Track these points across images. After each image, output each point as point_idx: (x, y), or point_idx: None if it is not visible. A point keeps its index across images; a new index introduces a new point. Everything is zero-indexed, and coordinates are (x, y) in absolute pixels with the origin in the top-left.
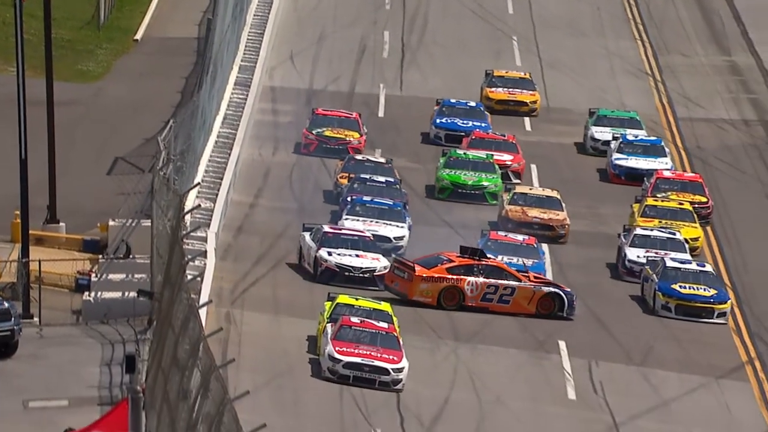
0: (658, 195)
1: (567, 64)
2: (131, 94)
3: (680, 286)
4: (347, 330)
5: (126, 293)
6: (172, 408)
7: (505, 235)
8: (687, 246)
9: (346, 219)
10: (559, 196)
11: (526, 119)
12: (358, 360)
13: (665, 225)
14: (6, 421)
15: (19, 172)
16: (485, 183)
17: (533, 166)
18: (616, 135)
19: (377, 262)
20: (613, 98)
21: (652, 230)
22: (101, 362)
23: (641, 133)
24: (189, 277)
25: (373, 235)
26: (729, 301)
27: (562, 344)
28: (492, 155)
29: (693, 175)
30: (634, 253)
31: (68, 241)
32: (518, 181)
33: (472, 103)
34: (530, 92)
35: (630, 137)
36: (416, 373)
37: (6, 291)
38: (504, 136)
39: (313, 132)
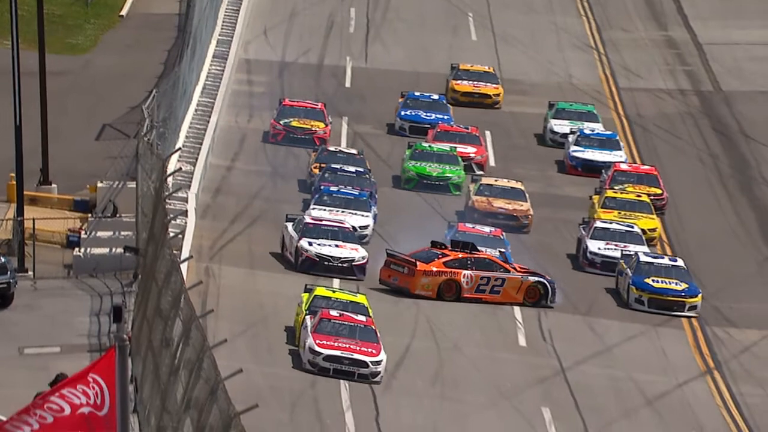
0: (616, 187)
1: (518, 39)
2: (117, 66)
3: (653, 280)
4: (326, 323)
5: (113, 249)
6: (156, 354)
7: (473, 227)
8: (644, 237)
9: (314, 208)
10: (523, 188)
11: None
12: (337, 353)
13: (625, 216)
14: (3, 366)
15: (14, 137)
16: (449, 174)
17: (487, 133)
18: (573, 129)
19: (356, 253)
20: (560, 70)
21: (611, 223)
22: (90, 312)
23: (598, 127)
24: (171, 234)
25: None
26: (700, 295)
27: None
28: (455, 148)
29: (648, 167)
30: (594, 245)
31: (60, 201)
32: (481, 172)
33: (435, 96)
34: (494, 85)
35: (587, 131)
36: (380, 322)
37: (2, 247)
38: (468, 129)
39: (281, 122)
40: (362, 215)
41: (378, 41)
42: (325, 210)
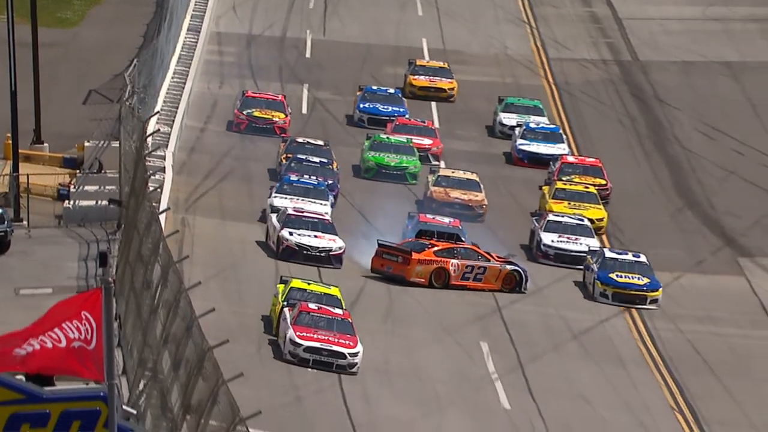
0: (564, 178)
1: (460, 14)
2: (102, 38)
3: (617, 275)
4: (305, 315)
5: (99, 202)
6: (137, 295)
7: (433, 218)
8: (593, 229)
9: (275, 197)
10: (478, 179)
11: (426, 56)
12: (317, 345)
13: (574, 206)
14: (0, 306)
15: (9, 102)
16: (406, 164)
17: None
18: (520, 122)
19: (333, 243)
20: (497, 42)
21: (563, 216)
22: (79, 258)
23: (543, 121)
24: (151, 188)
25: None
26: (660, 289)
27: None
28: (411, 140)
29: (593, 160)
30: (548, 238)
31: (51, 158)
32: (437, 162)
33: (392, 90)
34: (448, 80)
35: (533, 125)
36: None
37: (0, 199)
38: (424, 122)
39: (244, 112)
40: (320, 203)
41: (335, 16)
42: (286, 198)
